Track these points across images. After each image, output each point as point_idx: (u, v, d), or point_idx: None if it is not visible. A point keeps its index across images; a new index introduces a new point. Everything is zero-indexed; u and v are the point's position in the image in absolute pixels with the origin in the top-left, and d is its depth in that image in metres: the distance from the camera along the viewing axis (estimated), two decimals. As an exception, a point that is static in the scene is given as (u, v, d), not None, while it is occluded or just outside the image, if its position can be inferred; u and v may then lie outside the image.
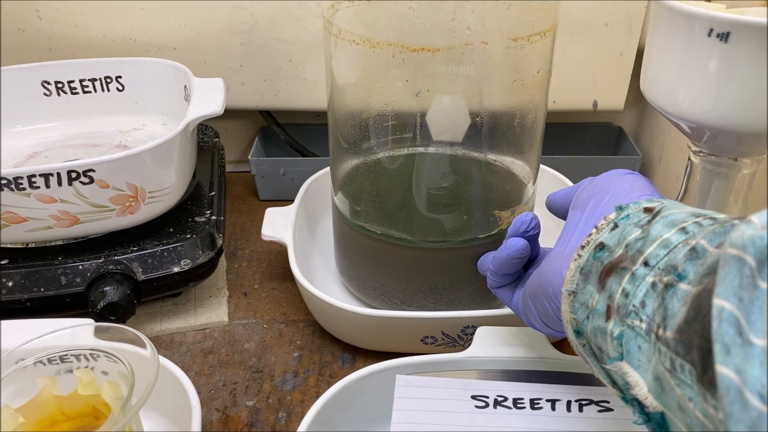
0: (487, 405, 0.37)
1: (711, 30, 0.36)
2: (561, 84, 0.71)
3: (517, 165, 0.51)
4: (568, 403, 0.37)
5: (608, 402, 0.37)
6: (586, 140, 0.78)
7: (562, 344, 0.48)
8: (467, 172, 0.51)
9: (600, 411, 0.37)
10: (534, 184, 0.51)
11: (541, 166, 0.60)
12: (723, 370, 0.20)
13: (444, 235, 0.48)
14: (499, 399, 0.38)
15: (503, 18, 0.43)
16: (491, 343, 0.42)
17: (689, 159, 0.44)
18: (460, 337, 0.47)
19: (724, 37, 0.35)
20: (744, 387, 0.19)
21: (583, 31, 0.68)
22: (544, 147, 0.51)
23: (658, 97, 0.41)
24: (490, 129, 0.48)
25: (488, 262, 0.43)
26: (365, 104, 0.48)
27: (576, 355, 0.34)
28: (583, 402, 0.37)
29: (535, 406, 0.37)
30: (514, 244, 0.40)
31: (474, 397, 0.38)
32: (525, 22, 0.43)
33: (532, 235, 0.40)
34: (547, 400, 0.38)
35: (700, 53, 0.37)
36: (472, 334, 0.43)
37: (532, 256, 0.42)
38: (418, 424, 0.36)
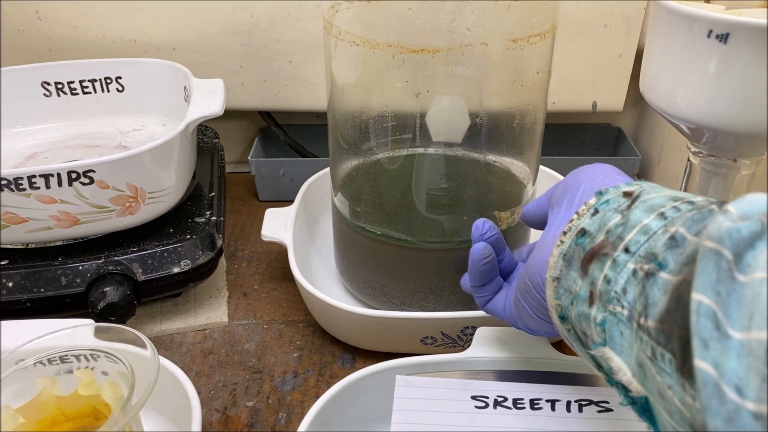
0: (486, 405, 0.37)
1: (710, 31, 0.36)
2: (560, 85, 0.71)
3: (516, 166, 0.51)
4: (568, 403, 0.37)
5: (608, 402, 0.37)
6: (586, 141, 0.79)
7: (561, 344, 0.48)
8: (467, 173, 0.51)
9: (599, 411, 0.37)
10: (533, 184, 0.51)
11: (541, 166, 0.60)
12: (701, 364, 0.20)
13: (443, 236, 0.48)
14: (499, 399, 0.38)
15: (503, 19, 0.43)
16: (491, 344, 0.42)
17: (688, 160, 0.44)
18: (460, 337, 0.47)
19: (723, 38, 0.35)
20: (721, 381, 0.19)
21: (583, 32, 0.68)
22: (543, 148, 0.51)
23: (657, 98, 0.41)
24: (489, 130, 0.48)
25: (466, 281, 0.43)
26: (365, 105, 0.48)
27: (574, 354, 0.35)
28: (583, 402, 0.37)
29: (535, 406, 0.37)
30: (474, 249, 0.40)
31: (474, 398, 0.38)
32: (524, 23, 0.43)
33: (490, 238, 0.41)
34: (547, 401, 0.38)
35: (699, 54, 0.37)
36: (472, 334, 0.43)
37: (508, 265, 0.43)
38: (417, 425, 0.36)
